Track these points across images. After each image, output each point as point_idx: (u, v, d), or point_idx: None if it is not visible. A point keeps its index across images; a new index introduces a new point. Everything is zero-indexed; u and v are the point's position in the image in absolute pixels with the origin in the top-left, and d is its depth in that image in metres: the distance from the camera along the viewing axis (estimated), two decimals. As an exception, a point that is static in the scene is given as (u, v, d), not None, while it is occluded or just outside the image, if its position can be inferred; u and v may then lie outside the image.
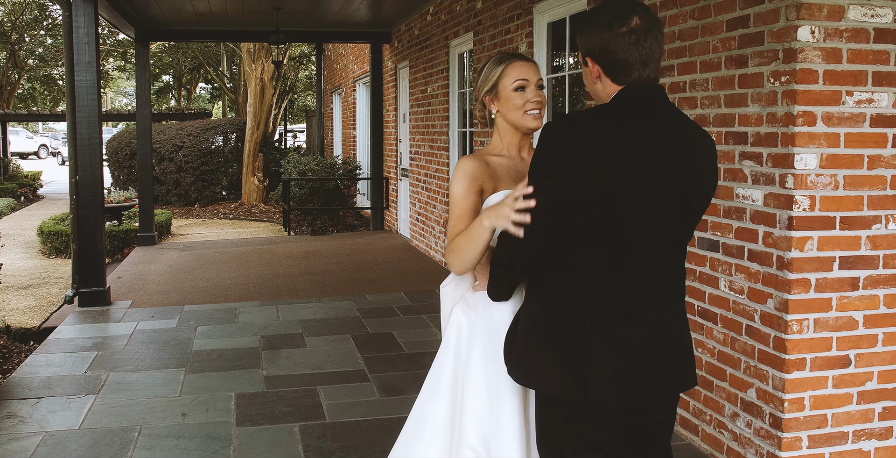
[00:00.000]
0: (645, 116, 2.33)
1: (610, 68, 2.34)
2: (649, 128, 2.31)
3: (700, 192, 2.40)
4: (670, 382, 2.42)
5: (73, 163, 8.20)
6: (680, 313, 2.46)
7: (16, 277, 11.29)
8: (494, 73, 2.82)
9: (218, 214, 18.26)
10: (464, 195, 2.71)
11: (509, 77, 2.79)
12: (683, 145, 2.35)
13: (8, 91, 29.59)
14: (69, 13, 8.12)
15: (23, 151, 42.90)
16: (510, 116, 2.81)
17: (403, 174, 12.58)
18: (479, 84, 2.88)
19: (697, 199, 2.40)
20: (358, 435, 4.76)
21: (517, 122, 2.80)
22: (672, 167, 2.32)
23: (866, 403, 3.90)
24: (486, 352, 2.70)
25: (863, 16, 3.72)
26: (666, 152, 2.31)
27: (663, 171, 2.30)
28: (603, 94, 2.40)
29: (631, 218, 2.28)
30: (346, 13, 11.64)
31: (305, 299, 8.39)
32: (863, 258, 3.83)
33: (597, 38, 2.33)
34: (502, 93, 2.81)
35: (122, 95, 55.27)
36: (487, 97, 2.85)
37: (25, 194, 23.12)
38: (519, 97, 2.78)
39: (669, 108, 2.40)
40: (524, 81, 2.79)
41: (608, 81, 2.37)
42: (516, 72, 2.80)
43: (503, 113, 2.83)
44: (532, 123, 2.80)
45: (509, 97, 2.80)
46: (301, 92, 33.01)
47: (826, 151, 3.73)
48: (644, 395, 2.36)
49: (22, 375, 5.94)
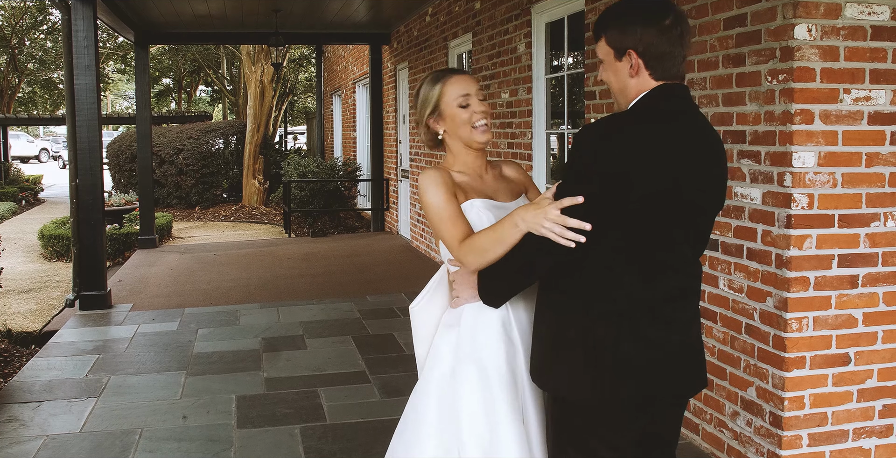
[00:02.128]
0: (685, 115, 2.34)
1: (654, 62, 2.31)
2: (691, 127, 2.32)
3: (721, 190, 2.44)
4: (690, 380, 2.44)
5: (74, 166, 8.20)
6: (697, 311, 2.48)
7: (17, 281, 11.29)
8: (434, 93, 2.71)
9: (219, 217, 18.26)
10: (445, 201, 2.59)
11: (450, 94, 2.69)
12: (716, 143, 2.38)
13: (8, 95, 29.61)
14: (68, 17, 8.13)
15: (24, 154, 42.94)
16: (459, 133, 2.70)
17: (403, 175, 12.58)
18: (420, 108, 2.76)
19: (722, 196, 2.44)
20: (359, 436, 4.76)
21: (466, 138, 2.70)
22: (712, 165, 2.35)
23: (866, 401, 3.90)
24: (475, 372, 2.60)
25: (860, 13, 3.72)
26: (708, 151, 2.34)
27: (707, 169, 2.33)
28: (634, 89, 2.35)
29: (679, 219, 2.30)
30: (345, 15, 11.64)
31: (306, 301, 8.39)
32: (862, 256, 3.83)
33: (643, 31, 2.29)
34: (446, 111, 2.70)
35: (122, 98, 55.28)
36: (431, 119, 2.74)
37: (26, 198, 23.13)
38: (464, 112, 2.68)
39: (696, 106, 2.42)
40: (466, 96, 2.68)
41: (647, 75, 2.33)
42: (456, 87, 2.69)
43: (451, 132, 2.72)
44: (481, 136, 2.69)
45: (454, 114, 2.69)
46: (301, 94, 33.02)
47: (824, 149, 3.72)
48: (667, 393, 2.38)
49: (23, 378, 5.95)
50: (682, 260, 2.37)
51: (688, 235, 2.37)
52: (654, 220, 2.26)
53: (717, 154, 2.39)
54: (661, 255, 2.31)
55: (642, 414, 2.37)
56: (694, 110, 2.38)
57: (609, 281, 2.30)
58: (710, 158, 2.35)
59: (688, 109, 2.36)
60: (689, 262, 2.41)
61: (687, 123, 2.33)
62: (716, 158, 2.38)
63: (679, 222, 2.32)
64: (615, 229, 2.25)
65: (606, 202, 2.22)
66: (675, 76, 2.34)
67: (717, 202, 2.43)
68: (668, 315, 2.34)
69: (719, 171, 2.40)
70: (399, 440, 2.79)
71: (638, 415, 2.37)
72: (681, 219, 2.32)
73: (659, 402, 2.40)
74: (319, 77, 20.30)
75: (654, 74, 2.33)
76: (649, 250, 2.30)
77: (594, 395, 2.31)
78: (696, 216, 2.36)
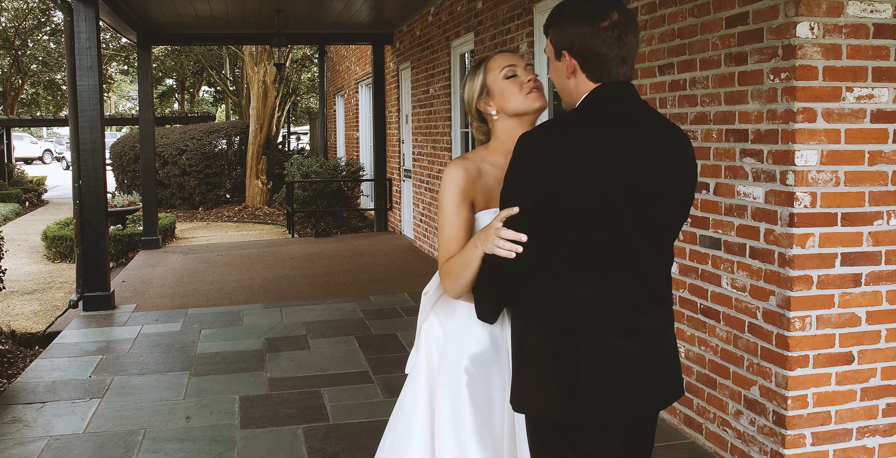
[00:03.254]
0: (626, 119, 2.24)
1: (588, 64, 2.24)
2: (633, 131, 2.22)
3: (684, 196, 2.33)
4: (661, 393, 2.36)
5: (76, 168, 8.21)
6: (669, 321, 2.38)
7: (21, 282, 11.31)
8: (479, 75, 2.64)
9: (222, 217, 18.28)
10: (455, 213, 2.52)
11: (495, 70, 2.61)
12: (667, 149, 2.27)
13: (12, 97, 29.67)
14: (70, 18, 8.14)
15: (27, 156, 43.03)
16: (511, 105, 2.58)
17: (406, 175, 12.58)
18: (468, 96, 2.67)
19: (682, 204, 2.33)
20: (362, 437, 4.76)
21: (521, 107, 2.58)
22: (659, 172, 2.23)
23: (870, 399, 3.89)
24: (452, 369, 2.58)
25: (862, 11, 3.71)
26: (652, 157, 2.22)
27: (651, 176, 2.21)
28: (575, 91, 2.29)
29: (623, 225, 2.18)
30: (347, 15, 11.64)
31: (309, 301, 8.40)
32: (865, 254, 3.82)
33: (576, 31, 2.21)
34: (494, 87, 2.60)
35: (125, 99, 55.37)
36: (482, 102, 2.64)
37: (30, 199, 23.16)
38: (514, 83, 2.59)
39: (645, 108, 2.31)
40: (512, 67, 2.60)
41: (583, 77, 2.26)
42: (499, 62, 2.62)
43: (503, 108, 2.60)
44: (536, 102, 2.58)
45: (504, 88, 2.59)
46: (304, 94, 33.03)
47: (826, 148, 3.72)
48: (638, 408, 2.30)
49: (27, 379, 5.95)
50: (639, 269, 2.25)
51: (644, 242, 2.24)
52: (596, 230, 2.17)
53: (672, 160, 2.27)
54: (614, 264, 2.21)
55: (617, 428, 2.30)
56: (637, 109, 2.28)
57: (558, 289, 2.22)
58: (660, 166, 2.23)
59: (633, 113, 2.26)
60: (651, 270, 2.28)
61: (630, 129, 2.22)
62: (671, 164, 2.26)
63: (625, 230, 2.19)
64: (560, 236, 2.17)
65: (539, 215, 2.16)
66: (615, 77, 2.25)
67: (674, 209, 2.30)
68: (632, 326, 2.25)
69: (677, 177, 2.28)
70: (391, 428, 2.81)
71: (612, 429, 2.29)
72: (627, 227, 2.20)
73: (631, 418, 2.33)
74: (322, 77, 20.32)
75: (591, 76, 2.25)
76: (600, 260, 2.20)
77: (564, 414, 2.23)
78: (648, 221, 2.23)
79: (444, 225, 2.54)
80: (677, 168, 2.29)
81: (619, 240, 2.20)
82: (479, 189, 2.55)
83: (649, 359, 2.29)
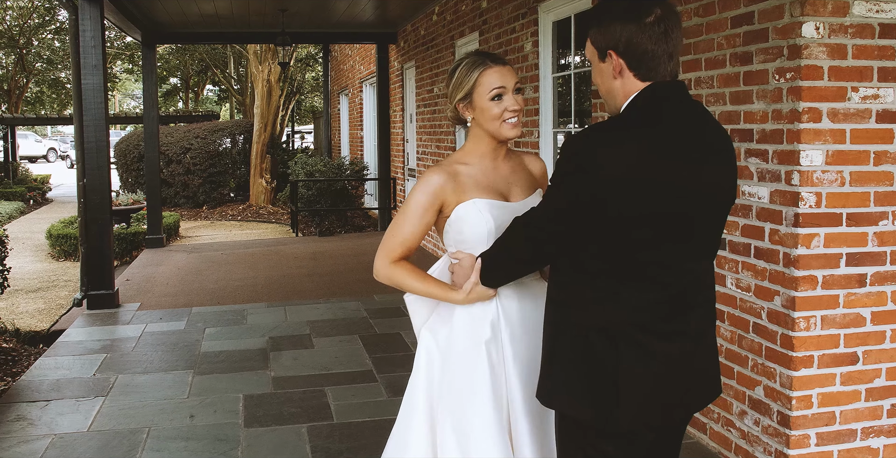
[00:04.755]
0: (679, 119, 2.19)
1: (636, 62, 2.18)
2: (686, 132, 2.17)
3: (728, 200, 2.31)
4: (699, 397, 2.33)
5: (81, 166, 8.22)
6: (711, 324, 2.35)
7: (25, 280, 11.33)
8: (468, 81, 2.63)
9: (226, 216, 18.30)
10: (421, 213, 2.62)
11: (485, 85, 2.61)
12: (717, 152, 2.24)
13: (16, 95, 29.70)
14: (75, 16, 8.14)
15: (32, 154, 43.05)
16: (486, 126, 2.64)
17: (411, 174, 12.58)
18: (452, 89, 2.69)
19: (725, 208, 2.31)
20: (366, 436, 4.76)
21: (494, 132, 2.64)
22: (708, 176, 2.20)
23: (875, 400, 3.88)
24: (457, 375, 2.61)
25: (868, 11, 3.70)
26: (706, 158, 2.19)
27: (701, 181, 2.18)
28: (621, 92, 2.23)
29: (668, 230, 2.16)
30: (351, 14, 11.64)
31: (313, 300, 8.40)
32: (870, 255, 3.81)
33: (622, 30, 2.15)
34: (477, 102, 2.63)
35: (130, 97, 55.39)
36: (461, 105, 2.67)
37: (34, 198, 23.20)
38: (496, 106, 2.61)
39: (697, 107, 2.27)
40: (501, 89, 2.61)
41: (631, 76, 2.20)
42: (492, 79, 2.61)
43: (478, 122, 2.66)
44: (510, 132, 2.63)
45: (485, 107, 2.62)
46: (308, 93, 33.01)
47: (832, 148, 3.71)
48: (675, 414, 2.28)
49: (31, 378, 5.96)
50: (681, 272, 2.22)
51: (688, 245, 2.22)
52: (640, 233, 2.14)
53: (724, 160, 2.26)
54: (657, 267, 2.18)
55: (650, 432, 2.27)
56: (688, 110, 2.23)
57: (606, 291, 2.19)
58: (713, 166, 2.21)
59: (677, 111, 2.21)
60: (693, 273, 2.26)
61: (683, 129, 2.18)
62: (722, 164, 2.25)
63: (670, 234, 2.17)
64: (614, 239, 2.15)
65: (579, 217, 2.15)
66: (663, 76, 2.20)
67: (722, 209, 2.29)
68: (672, 329, 2.21)
69: (727, 177, 2.27)
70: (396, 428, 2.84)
71: (646, 433, 2.26)
72: (683, 229, 2.19)
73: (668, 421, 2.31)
74: (326, 76, 20.32)
75: (639, 75, 2.19)
76: (642, 263, 2.17)
77: (597, 417, 2.20)
78: (692, 226, 2.21)
79: (405, 222, 2.64)
80: (725, 172, 2.26)
81: (663, 244, 2.17)
82: (452, 190, 2.63)
83: (693, 363, 2.26)
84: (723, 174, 2.26)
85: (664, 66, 2.19)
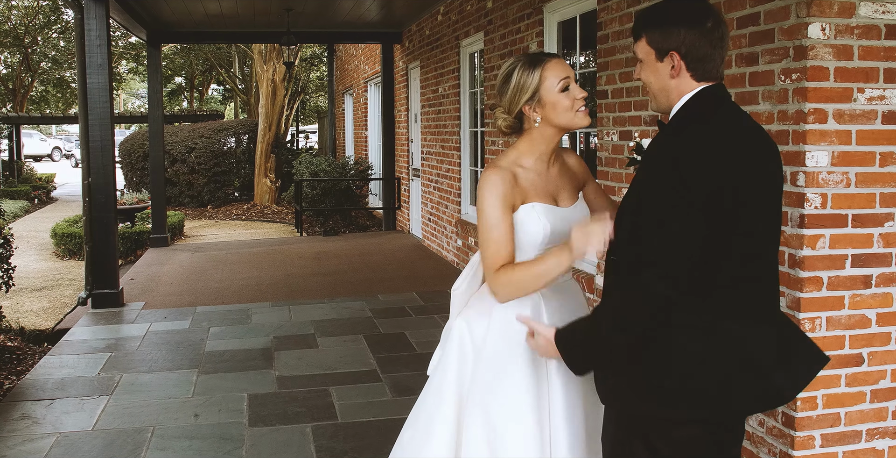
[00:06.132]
0: (741, 118, 2.32)
1: (695, 64, 2.30)
2: (755, 129, 2.32)
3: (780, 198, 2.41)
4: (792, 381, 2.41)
5: (86, 165, 8.23)
6: None
7: (30, 279, 11.35)
8: (532, 79, 2.59)
9: (230, 216, 18.31)
10: (500, 218, 2.53)
11: (551, 79, 2.60)
12: (773, 148, 2.36)
13: (21, 94, 29.74)
14: (81, 16, 8.16)
15: (36, 153, 43.10)
16: (560, 119, 2.61)
17: (415, 174, 12.58)
18: (513, 95, 2.63)
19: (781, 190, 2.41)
20: (370, 435, 4.77)
21: (568, 123, 2.61)
22: (778, 169, 2.34)
23: (880, 401, 3.88)
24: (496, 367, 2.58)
25: (874, 12, 3.70)
26: (774, 153, 2.33)
27: (777, 174, 2.33)
28: (676, 91, 2.34)
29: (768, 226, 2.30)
30: (356, 14, 11.65)
31: (318, 300, 8.40)
32: (875, 256, 3.81)
33: (685, 33, 2.28)
34: (547, 98, 2.60)
35: (134, 96, 55.47)
36: (528, 107, 2.62)
37: (39, 197, 23.24)
38: (566, 98, 2.60)
39: (737, 106, 2.40)
40: (567, 80, 2.61)
41: (688, 76, 2.32)
42: (556, 70, 2.61)
43: (550, 118, 2.61)
44: (584, 120, 2.62)
45: (556, 101, 2.59)
46: (313, 93, 33.06)
47: (837, 149, 3.71)
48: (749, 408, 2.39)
49: (36, 376, 5.97)
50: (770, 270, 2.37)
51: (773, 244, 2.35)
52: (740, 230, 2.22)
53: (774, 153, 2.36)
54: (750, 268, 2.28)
55: None
56: (738, 109, 2.38)
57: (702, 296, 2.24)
58: (777, 162, 2.35)
59: (736, 110, 2.36)
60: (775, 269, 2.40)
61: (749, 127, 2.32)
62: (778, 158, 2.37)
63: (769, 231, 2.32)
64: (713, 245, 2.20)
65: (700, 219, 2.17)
66: (714, 77, 2.33)
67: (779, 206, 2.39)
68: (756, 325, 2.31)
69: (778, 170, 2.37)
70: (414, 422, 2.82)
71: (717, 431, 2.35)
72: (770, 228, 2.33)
73: None
74: (331, 76, 20.33)
75: (695, 76, 2.32)
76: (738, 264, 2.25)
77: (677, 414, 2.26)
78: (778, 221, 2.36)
79: (490, 230, 2.54)
80: (780, 169, 2.37)
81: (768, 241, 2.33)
82: (517, 192, 2.58)
83: None
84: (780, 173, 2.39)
85: (717, 68, 2.34)
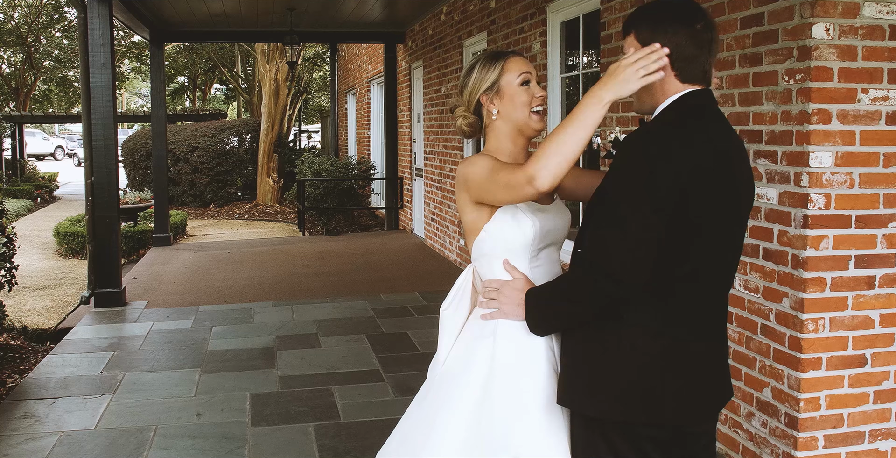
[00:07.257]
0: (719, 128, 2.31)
1: (681, 64, 2.29)
2: (728, 139, 2.30)
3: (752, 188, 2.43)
4: (723, 395, 2.42)
5: (89, 164, 8.24)
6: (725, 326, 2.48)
7: (32, 278, 11.35)
8: (494, 69, 2.56)
9: (233, 215, 18.31)
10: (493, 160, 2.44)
11: (513, 72, 2.56)
12: (745, 156, 2.38)
13: (24, 93, 29.74)
14: (84, 15, 8.16)
15: (39, 152, 43.12)
16: (515, 114, 2.55)
17: (418, 174, 12.58)
18: (473, 84, 2.59)
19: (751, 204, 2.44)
20: (373, 435, 4.76)
21: (522, 121, 2.56)
22: (747, 180, 2.35)
23: (883, 402, 3.88)
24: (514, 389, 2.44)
25: (878, 13, 3.69)
26: (743, 163, 2.34)
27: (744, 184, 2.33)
28: (660, 91, 2.33)
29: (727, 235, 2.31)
30: (359, 13, 11.65)
31: (320, 300, 8.41)
32: (879, 257, 3.80)
33: (674, 32, 2.27)
34: (507, 89, 2.55)
35: (137, 96, 55.50)
36: (486, 96, 2.57)
37: (42, 196, 23.24)
38: (525, 92, 2.55)
39: (721, 114, 2.39)
40: (528, 75, 2.57)
41: (672, 76, 2.31)
42: (517, 66, 2.57)
43: (506, 113, 2.56)
44: (537, 124, 2.56)
45: (515, 93, 2.55)
46: (315, 92, 33.02)
47: (841, 149, 3.70)
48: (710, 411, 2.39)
49: (38, 375, 5.98)
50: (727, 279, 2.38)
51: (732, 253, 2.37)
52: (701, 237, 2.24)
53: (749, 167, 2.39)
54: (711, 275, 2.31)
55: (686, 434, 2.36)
56: (724, 120, 2.37)
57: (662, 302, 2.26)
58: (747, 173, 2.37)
59: (719, 113, 2.36)
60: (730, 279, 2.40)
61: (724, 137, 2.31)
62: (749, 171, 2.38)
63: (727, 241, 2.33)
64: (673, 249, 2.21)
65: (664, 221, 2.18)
66: (700, 80, 2.33)
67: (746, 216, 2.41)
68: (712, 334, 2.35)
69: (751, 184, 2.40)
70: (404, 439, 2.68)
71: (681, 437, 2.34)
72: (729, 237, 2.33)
73: None
74: (334, 76, 20.33)
75: (680, 76, 2.31)
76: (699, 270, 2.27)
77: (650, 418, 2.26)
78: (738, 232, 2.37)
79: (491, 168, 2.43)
80: (751, 175, 2.41)
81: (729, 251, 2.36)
82: None
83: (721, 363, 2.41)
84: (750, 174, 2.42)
85: (704, 71, 2.33)
